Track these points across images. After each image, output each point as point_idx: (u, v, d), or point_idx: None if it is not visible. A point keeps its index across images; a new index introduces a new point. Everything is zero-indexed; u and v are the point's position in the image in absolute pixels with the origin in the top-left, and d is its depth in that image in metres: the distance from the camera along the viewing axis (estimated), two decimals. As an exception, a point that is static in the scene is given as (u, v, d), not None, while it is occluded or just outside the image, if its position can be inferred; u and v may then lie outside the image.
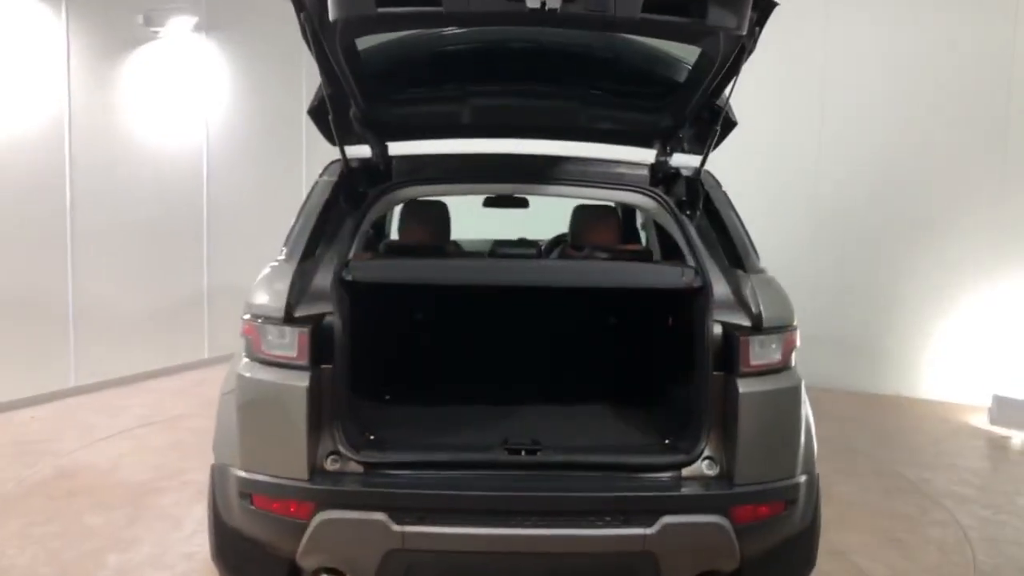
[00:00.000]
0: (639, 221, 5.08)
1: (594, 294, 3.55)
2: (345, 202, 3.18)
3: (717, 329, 2.87)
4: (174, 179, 7.85)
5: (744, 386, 2.79)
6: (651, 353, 3.70)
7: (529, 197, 4.78)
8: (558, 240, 5.28)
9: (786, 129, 7.85)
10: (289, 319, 2.79)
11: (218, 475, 2.96)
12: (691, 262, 3.09)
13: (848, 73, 7.68)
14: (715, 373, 2.84)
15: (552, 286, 3.16)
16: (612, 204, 4.52)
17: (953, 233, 7.32)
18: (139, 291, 7.48)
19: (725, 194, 3.31)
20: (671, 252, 4.05)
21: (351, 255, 3.05)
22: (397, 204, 3.57)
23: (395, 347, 3.83)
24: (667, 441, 3.03)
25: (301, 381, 2.73)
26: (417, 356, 3.90)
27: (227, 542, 3.00)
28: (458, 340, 3.91)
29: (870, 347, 7.64)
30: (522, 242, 4.82)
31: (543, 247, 5.22)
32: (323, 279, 2.91)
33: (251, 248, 5.95)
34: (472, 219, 5.51)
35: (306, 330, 2.76)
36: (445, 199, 4.02)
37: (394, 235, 5.09)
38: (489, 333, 3.88)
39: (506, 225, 6.09)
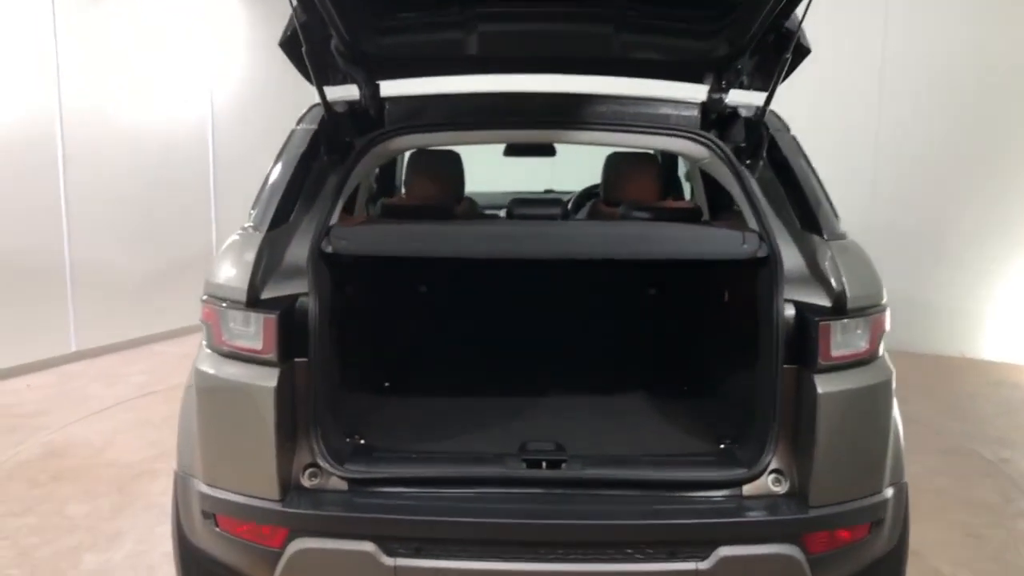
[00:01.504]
0: (682, 170, 4.46)
1: (632, 261, 2.95)
2: (327, 155, 2.62)
3: (789, 310, 2.28)
4: (177, 131, 7.32)
5: (824, 384, 2.21)
6: (701, 336, 3.13)
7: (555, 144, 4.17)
8: (588, 193, 4.68)
9: (843, 64, 7.05)
10: (253, 302, 2.26)
11: (181, 485, 2.49)
12: (754, 225, 2.49)
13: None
14: (786, 366, 2.26)
15: (579, 258, 2.58)
16: (651, 151, 3.92)
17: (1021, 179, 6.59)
18: (143, 250, 7.04)
19: (794, 139, 2.68)
20: (721, 207, 3.45)
21: (333, 220, 2.50)
22: (391, 155, 2.98)
23: (394, 327, 3.29)
24: (723, 446, 2.48)
25: (267, 380, 2.21)
26: (420, 337, 3.37)
27: (193, 564, 2.54)
28: (468, 317, 3.36)
29: (931, 303, 6.96)
30: (546, 199, 4.20)
31: (571, 202, 4.63)
32: (298, 251, 2.38)
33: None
34: (492, 167, 4.95)
35: (273, 316, 2.23)
36: (457, 148, 3.47)
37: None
38: (505, 308, 3.32)
39: (531, 173, 5.52)
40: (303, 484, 2.29)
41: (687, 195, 4.28)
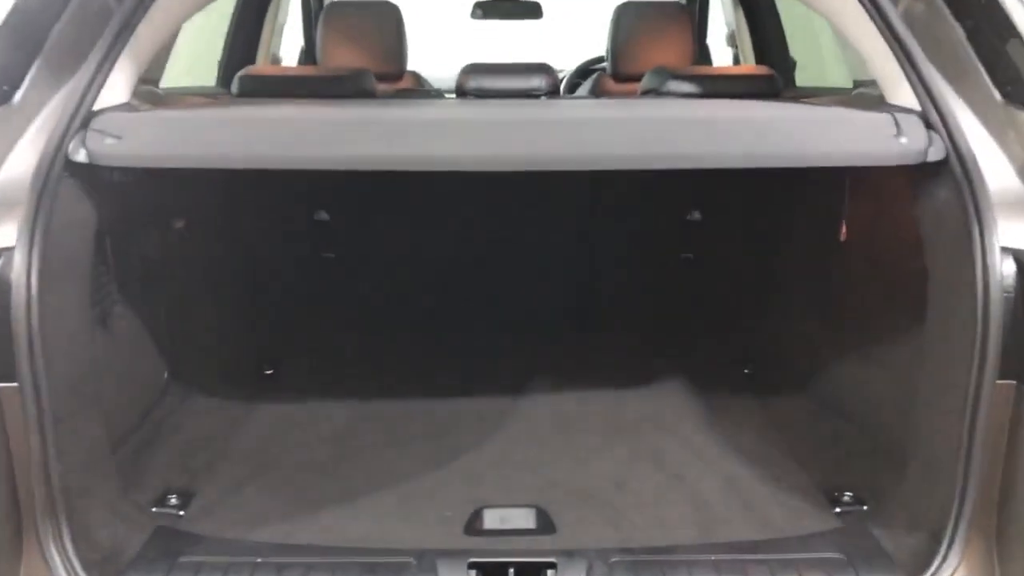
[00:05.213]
0: (718, 33, 3.23)
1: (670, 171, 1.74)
2: None
3: (1006, 268, 1.15)
4: None
5: None
6: (789, 297, 1.96)
7: None
8: (589, 68, 3.44)
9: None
10: None
11: None
12: (909, 101, 1.32)
13: None
14: (1000, 382, 1.15)
15: (589, 167, 1.39)
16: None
17: None
18: None
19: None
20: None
21: (108, 101, 1.31)
22: None
23: (273, 281, 2.11)
24: (839, 510, 1.38)
25: None
26: (315, 297, 2.18)
27: None
28: (395, 262, 2.17)
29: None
30: (520, 66, 2.94)
31: (564, 82, 3.41)
32: (19, 162, 1.22)
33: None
34: (453, 40, 3.75)
35: None
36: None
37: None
38: (453, 247, 2.13)
39: (508, 48, 4.30)
40: None
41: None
